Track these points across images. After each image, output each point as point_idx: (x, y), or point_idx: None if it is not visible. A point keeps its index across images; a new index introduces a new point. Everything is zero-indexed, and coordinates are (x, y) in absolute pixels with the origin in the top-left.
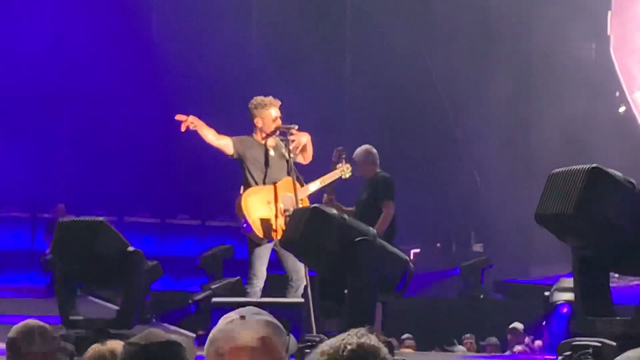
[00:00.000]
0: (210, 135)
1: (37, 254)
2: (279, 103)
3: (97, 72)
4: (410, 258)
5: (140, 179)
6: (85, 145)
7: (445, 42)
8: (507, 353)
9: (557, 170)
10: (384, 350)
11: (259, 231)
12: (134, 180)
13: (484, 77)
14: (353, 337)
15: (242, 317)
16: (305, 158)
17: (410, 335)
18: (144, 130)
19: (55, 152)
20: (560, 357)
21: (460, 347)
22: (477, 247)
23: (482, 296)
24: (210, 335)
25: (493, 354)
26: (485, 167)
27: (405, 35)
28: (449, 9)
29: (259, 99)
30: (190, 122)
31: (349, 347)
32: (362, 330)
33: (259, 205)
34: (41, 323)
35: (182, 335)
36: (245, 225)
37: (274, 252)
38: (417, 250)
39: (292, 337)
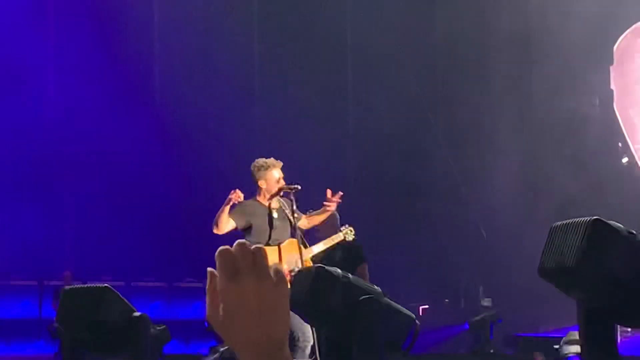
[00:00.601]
0: (224, 219)
1: (45, 322)
2: (281, 164)
3: (103, 136)
4: (419, 314)
5: (146, 243)
6: (90, 210)
7: (447, 101)
8: None
9: (558, 223)
10: None
11: None
12: (140, 245)
13: (490, 136)
14: None
15: None
16: (312, 223)
17: None
18: (148, 195)
19: (60, 218)
20: None
21: None
22: (486, 302)
23: (492, 351)
24: None
25: None
26: (491, 221)
27: (408, 92)
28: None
29: (261, 161)
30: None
31: None
32: None
33: None
34: None
35: None
36: None
37: None
38: (426, 307)
39: None
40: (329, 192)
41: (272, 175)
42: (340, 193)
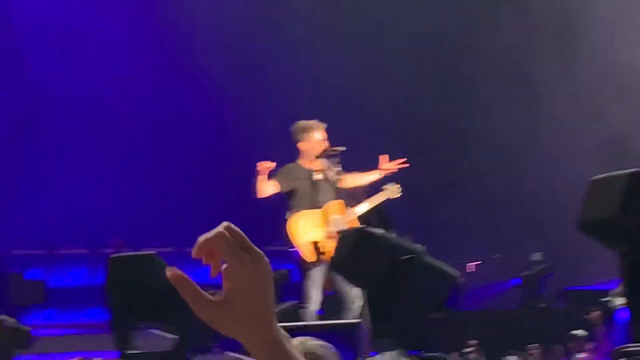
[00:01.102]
0: (262, 186)
1: (99, 290)
2: (325, 125)
3: (155, 107)
4: (470, 270)
5: (196, 209)
6: (141, 178)
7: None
8: None
9: (597, 176)
10: None
11: (307, 255)
12: (190, 211)
13: (542, 89)
14: None
15: (302, 343)
16: (357, 183)
17: (473, 347)
18: (198, 161)
19: (112, 187)
20: None
21: (512, 358)
22: (537, 256)
23: (543, 305)
24: None
25: None
26: (541, 175)
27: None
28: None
29: (303, 122)
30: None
31: None
32: (394, 353)
33: (307, 230)
34: None
35: None
36: (293, 250)
37: None
38: (477, 263)
39: None
40: (385, 157)
41: (315, 136)
42: (403, 160)
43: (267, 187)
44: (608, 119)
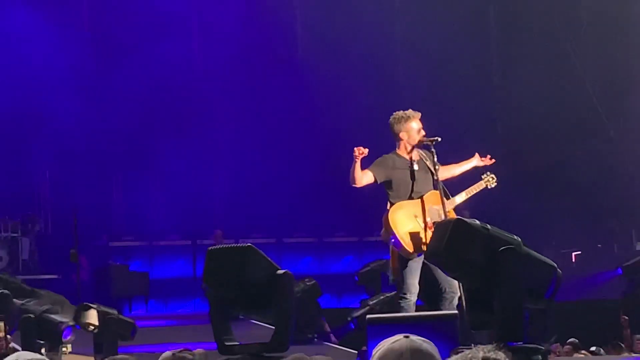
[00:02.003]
0: (358, 174)
1: (200, 281)
2: (420, 115)
3: (254, 95)
4: (572, 260)
5: (295, 200)
6: (242, 169)
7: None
8: None
9: None
10: None
11: (407, 245)
12: (290, 202)
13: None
14: (479, 352)
15: (407, 337)
16: (451, 173)
17: (574, 340)
18: (296, 151)
19: (213, 178)
20: None
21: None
22: (639, 246)
23: None
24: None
25: None
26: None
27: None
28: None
29: (400, 112)
30: (362, 153)
31: None
32: (490, 346)
33: (406, 220)
34: (183, 353)
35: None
36: (394, 240)
37: None
38: (578, 252)
39: None
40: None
41: (412, 126)
42: (491, 159)
43: (361, 176)
44: None
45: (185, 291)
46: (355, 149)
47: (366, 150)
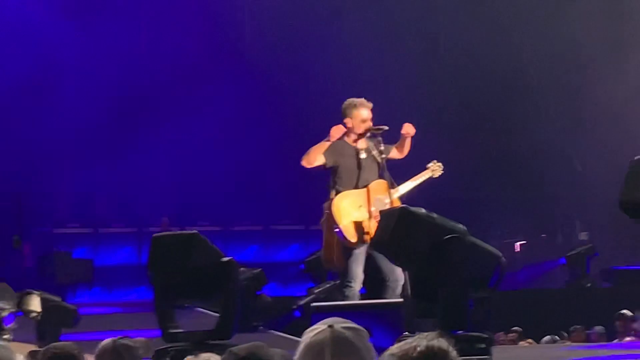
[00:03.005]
0: (319, 154)
1: (145, 269)
2: (371, 105)
3: (200, 83)
4: (516, 250)
5: (242, 188)
6: (187, 157)
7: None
8: (616, 341)
9: (638, 157)
10: (453, 353)
11: (351, 236)
12: (236, 190)
13: (583, 61)
14: (423, 340)
15: (330, 326)
16: (402, 152)
17: (517, 329)
18: (242, 139)
19: (159, 166)
20: None
21: (547, 338)
22: (583, 236)
23: (589, 285)
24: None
25: (599, 343)
26: (587, 154)
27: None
28: None
29: (350, 100)
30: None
31: (418, 349)
32: (434, 333)
33: (351, 210)
34: (124, 341)
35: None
36: (337, 230)
37: None
38: (523, 242)
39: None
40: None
41: (360, 114)
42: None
43: (319, 157)
44: None
45: (130, 279)
46: (334, 128)
47: (342, 131)
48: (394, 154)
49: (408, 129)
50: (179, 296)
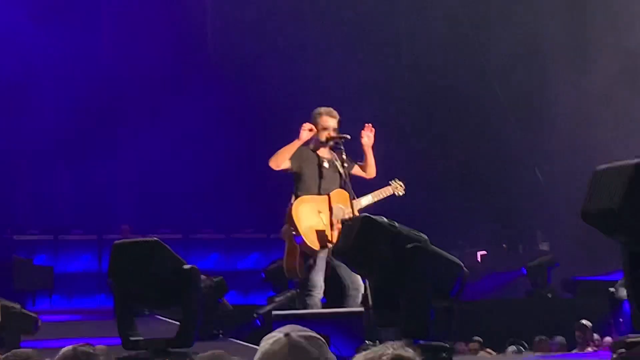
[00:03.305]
0: (288, 155)
1: (105, 276)
2: (337, 116)
3: (162, 90)
4: (477, 259)
5: (202, 195)
6: (148, 164)
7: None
8: (575, 351)
9: (601, 166)
10: None
11: (309, 241)
12: (197, 198)
13: (544, 72)
14: (389, 349)
15: (287, 335)
16: (367, 168)
17: (478, 338)
18: (205, 147)
19: (119, 172)
20: (614, 355)
21: (511, 348)
22: (544, 246)
23: (550, 295)
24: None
25: (560, 353)
26: (548, 165)
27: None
28: None
29: (318, 109)
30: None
31: (384, 358)
32: (400, 342)
33: (310, 215)
34: (85, 348)
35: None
36: (297, 237)
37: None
38: (484, 252)
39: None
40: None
41: (323, 122)
42: (370, 125)
43: (286, 160)
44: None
45: (90, 286)
46: (305, 126)
47: (315, 130)
48: (358, 170)
49: (365, 136)
50: (140, 303)
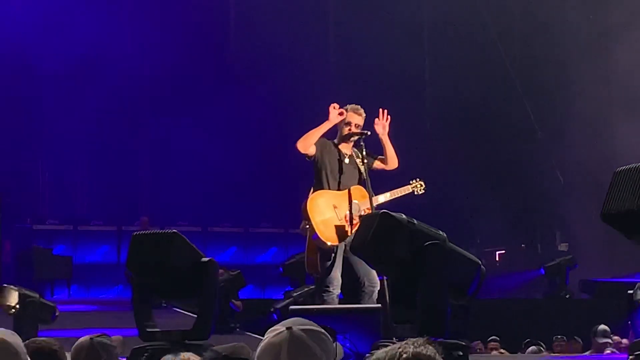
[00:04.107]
0: (316, 137)
1: (123, 267)
2: (361, 112)
3: (178, 85)
4: (496, 259)
5: (222, 189)
6: (168, 156)
7: (521, 39)
8: (588, 353)
9: (622, 167)
10: None
11: (321, 234)
12: (216, 191)
13: (565, 75)
14: (410, 346)
15: (289, 328)
16: (388, 160)
17: (496, 338)
18: (225, 141)
19: (139, 165)
20: (631, 357)
21: (532, 348)
22: (563, 247)
23: (568, 296)
24: (259, 349)
25: (577, 354)
26: (568, 166)
27: (480, 36)
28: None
29: (347, 105)
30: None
31: (404, 355)
32: (421, 340)
33: (324, 209)
34: (101, 338)
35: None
36: (309, 228)
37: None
38: (502, 252)
39: (338, 345)
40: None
41: (348, 118)
42: (384, 112)
43: (313, 142)
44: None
45: (109, 277)
46: (334, 106)
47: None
48: (379, 164)
49: (380, 125)
50: (157, 295)
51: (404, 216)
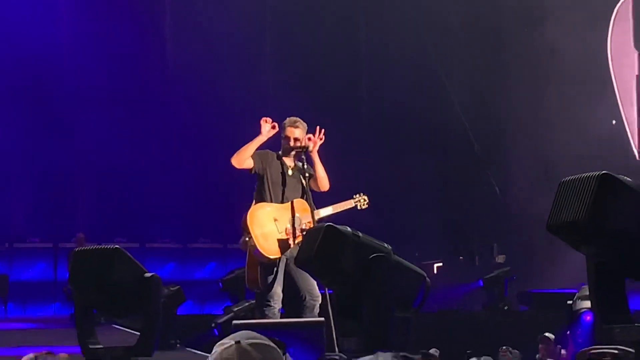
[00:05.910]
0: (250, 152)
1: (60, 284)
2: (299, 125)
3: (121, 98)
4: (434, 272)
5: (159, 205)
6: (103, 172)
7: (458, 50)
8: None
9: (566, 178)
10: None
11: (261, 248)
12: (154, 206)
13: (498, 86)
14: None
15: (237, 342)
16: (318, 180)
17: (435, 350)
18: (160, 155)
19: (74, 180)
20: None
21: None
22: (500, 259)
23: (506, 307)
24: None
25: None
26: (505, 177)
27: (417, 48)
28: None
29: (290, 118)
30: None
31: None
32: (391, 354)
33: (265, 221)
34: (48, 356)
35: None
36: (249, 240)
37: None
38: (440, 264)
39: (288, 357)
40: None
41: (287, 132)
42: (322, 132)
43: (248, 157)
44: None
45: (45, 294)
46: (265, 120)
47: (275, 125)
48: (312, 183)
49: (312, 142)
50: (100, 312)
51: (349, 229)
